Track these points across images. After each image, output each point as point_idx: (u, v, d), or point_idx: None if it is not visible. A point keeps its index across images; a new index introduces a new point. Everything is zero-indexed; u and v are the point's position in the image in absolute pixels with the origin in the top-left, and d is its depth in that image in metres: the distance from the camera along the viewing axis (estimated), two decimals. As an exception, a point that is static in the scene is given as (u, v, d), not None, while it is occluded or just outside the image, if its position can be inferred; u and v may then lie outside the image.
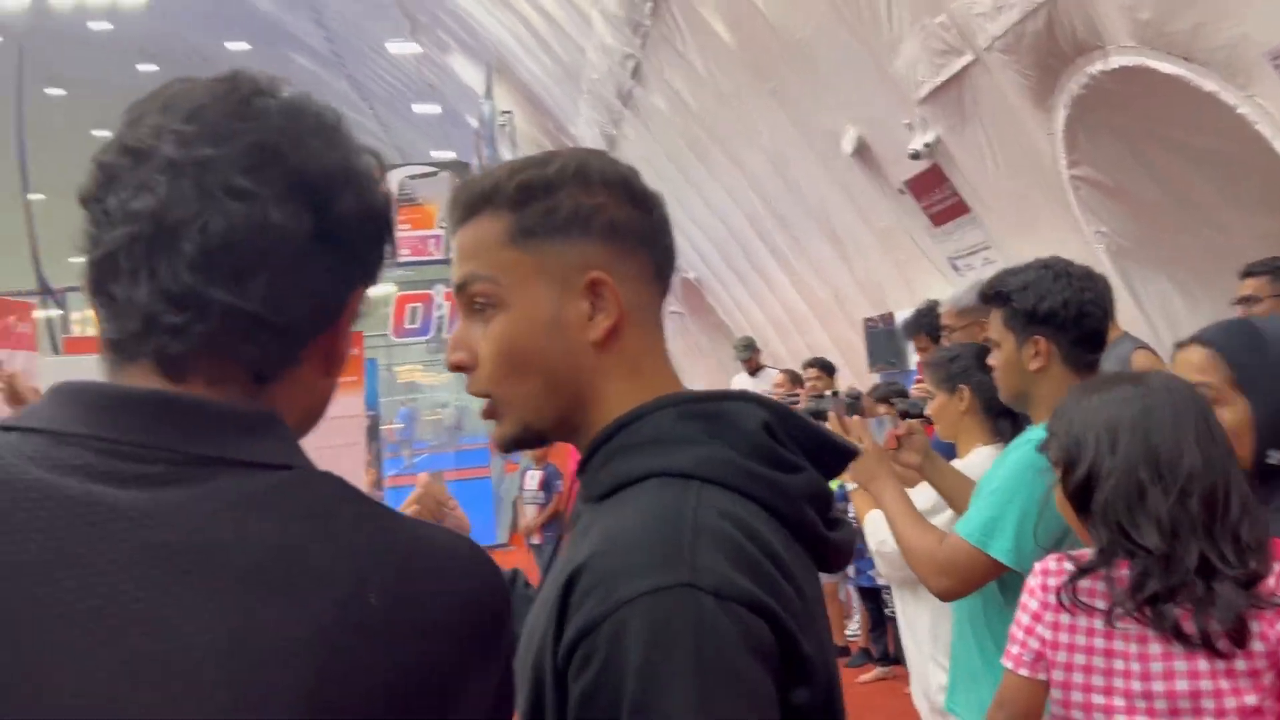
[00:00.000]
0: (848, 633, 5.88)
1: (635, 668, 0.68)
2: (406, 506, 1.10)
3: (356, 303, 0.72)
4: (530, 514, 7.25)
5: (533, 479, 7.28)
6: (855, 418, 2.09)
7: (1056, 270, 1.81)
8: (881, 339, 8.07)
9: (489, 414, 0.88)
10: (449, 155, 20.47)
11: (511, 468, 11.25)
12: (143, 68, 24.38)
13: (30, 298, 10.09)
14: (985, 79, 5.12)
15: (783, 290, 9.98)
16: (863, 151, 6.78)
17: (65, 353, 5.14)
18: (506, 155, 14.93)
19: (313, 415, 0.73)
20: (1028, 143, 5.19)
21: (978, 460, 2.18)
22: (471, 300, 0.85)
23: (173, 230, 0.63)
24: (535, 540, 7.25)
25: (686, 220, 11.43)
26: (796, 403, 6.50)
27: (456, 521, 1.12)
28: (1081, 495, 1.36)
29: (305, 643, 0.58)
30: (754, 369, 8.13)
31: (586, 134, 12.61)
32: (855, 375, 8.37)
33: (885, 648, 5.37)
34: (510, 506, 10.51)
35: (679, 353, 16.82)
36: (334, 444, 6.14)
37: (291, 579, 0.59)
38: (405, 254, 12.21)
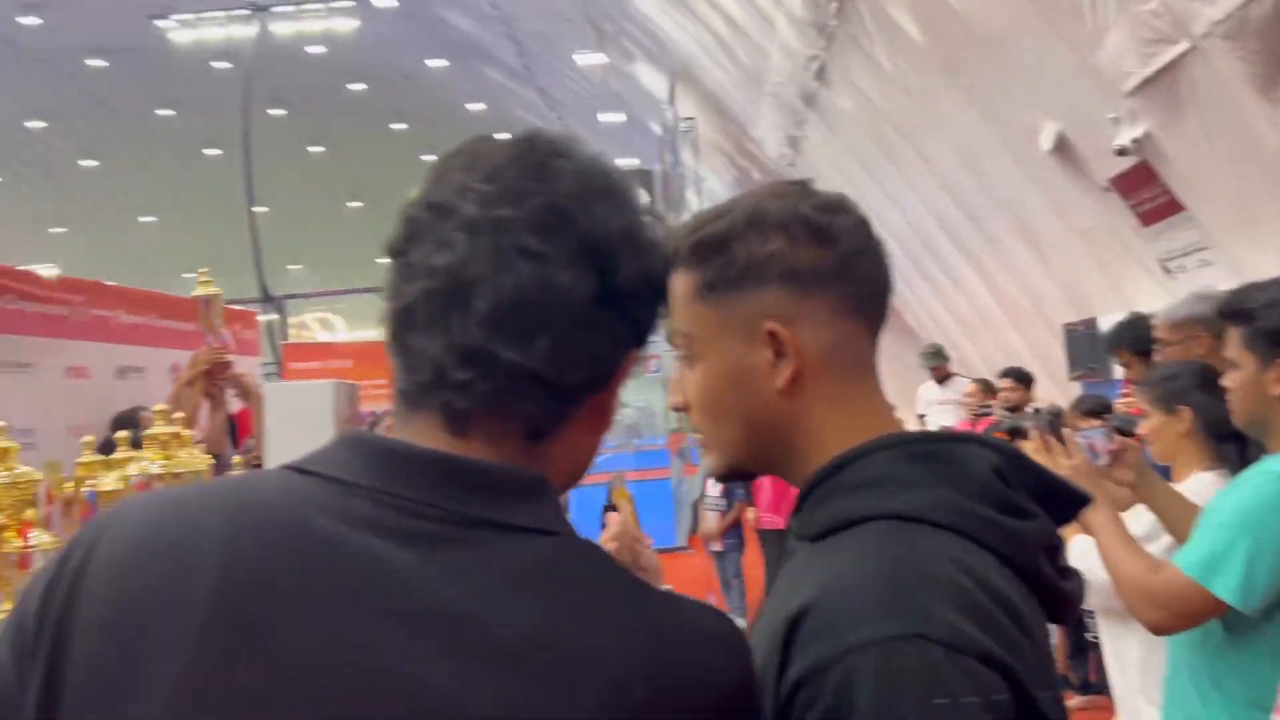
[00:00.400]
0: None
1: (863, 718, 0.67)
2: (601, 545, 1.11)
3: (629, 364, 0.73)
4: (711, 520, 7.27)
5: (715, 485, 7.29)
6: (1065, 431, 1.99)
7: None
8: (1083, 344, 7.61)
9: (704, 445, 0.91)
10: (633, 162, 20.84)
11: (691, 470, 11.32)
12: (352, 87, 26.11)
13: (253, 305, 10.99)
14: (1203, 68, 4.75)
15: (974, 291, 9.59)
16: (1062, 147, 6.44)
17: (285, 360, 5.57)
18: (689, 161, 15.05)
19: (579, 471, 0.75)
20: (1251, 135, 4.77)
21: (1197, 486, 2.02)
22: (676, 350, 0.89)
23: (468, 287, 0.66)
24: (717, 547, 7.27)
25: (872, 219, 11.14)
26: (989, 414, 6.23)
27: (649, 559, 1.12)
28: None
29: None
30: (943, 377, 7.84)
31: (769, 137, 12.55)
32: (1054, 383, 7.94)
33: (1085, 675, 5.06)
34: (690, 509, 10.57)
35: (862, 357, 16.38)
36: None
37: (557, 662, 0.61)
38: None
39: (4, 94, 26.64)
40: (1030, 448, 2.02)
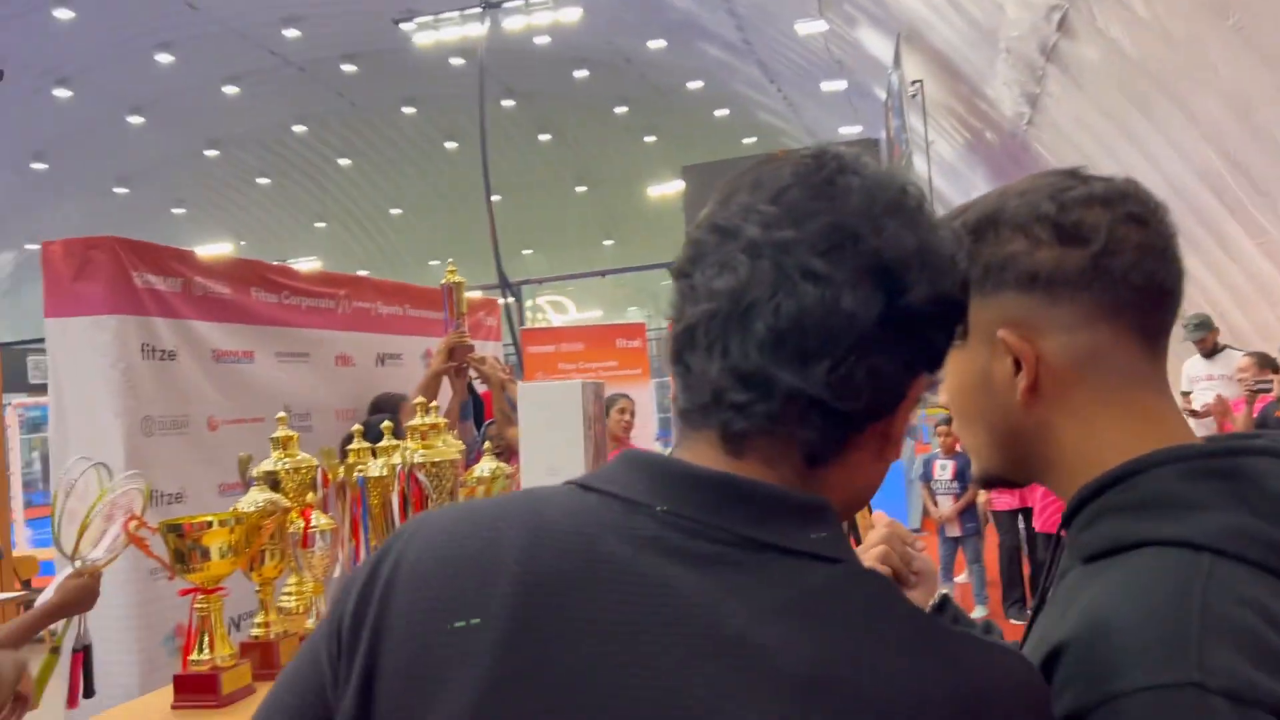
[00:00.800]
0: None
1: None
2: (869, 548, 1.07)
3: (919, 390, 0.70)
4: (945, 505, 7.02)
5: (945, 468, 7.04)
6: None
7: None
8: (1383, 310, 6.71)
9: (965, 448, 0.88)
10: (855, 130, 20.26)
11: (922, 448, 10.96)
12: (576, 74, 26.94)
13: (492, 290, 11.58)
14: None
15: (1245, 255, 8.65)
16: (1359, 87, 5.67)
17: (524, 345, 5.85)
18: (917, 126, 14.45)
19: (862, 498, 0.73)
20: None
21: None
22: None
23: (748, 309, 0.65)
24: (954, 532, 7.01)
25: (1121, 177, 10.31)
26: (1268, 390, 5.60)
27: (923, 563, 1.08)
28: None
29: None
30: (1210, 350, 7.12)
31: (1004, 95, 11.82)
32: (1345, 354, 7.05)
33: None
34: (919, 488, 10.25)
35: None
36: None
37: (850, 699, 0.58)
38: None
39: (272, 102, 29.50)
40: None
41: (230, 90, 27.46)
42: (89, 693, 2.15)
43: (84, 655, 2.16)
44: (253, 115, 30.40)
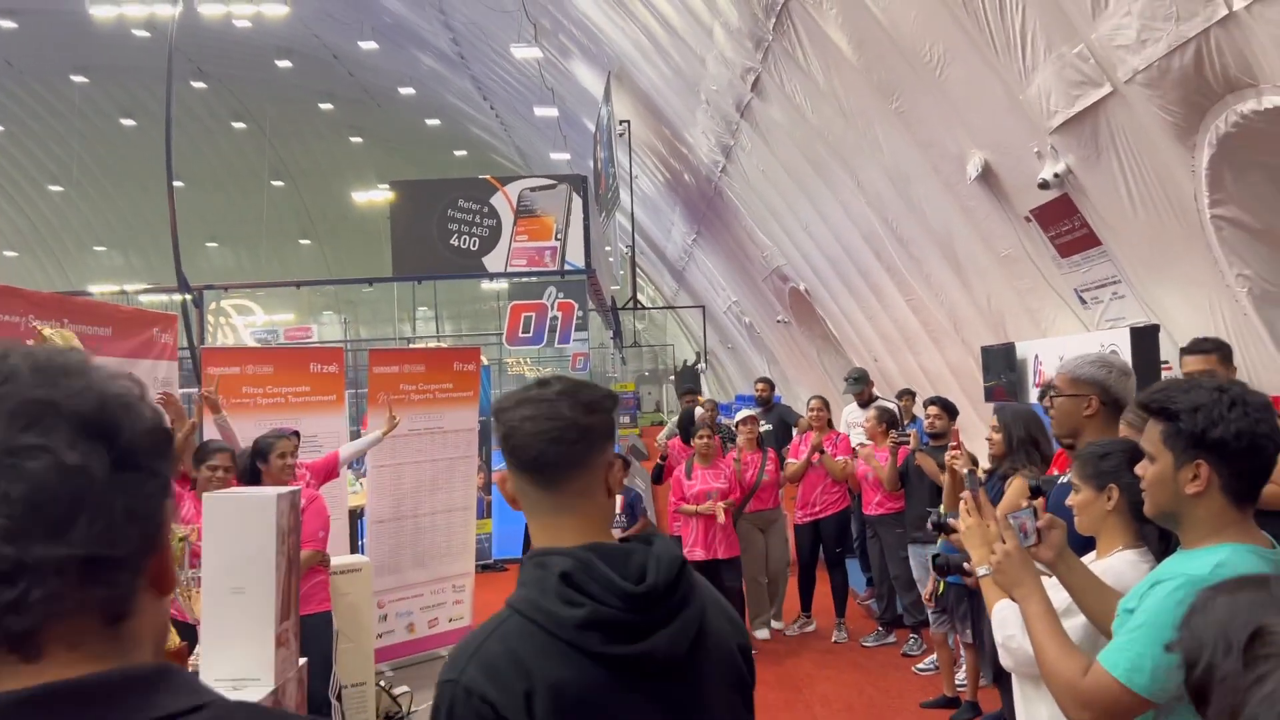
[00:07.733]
0: (957, 682, 5.71)
1: None
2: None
3: (169, 518, 0.71)
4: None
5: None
6: (999, 513, 2.00)
7: (1233, 397, 1.69)
8: (1000, 363, 7.86)
9: None
10: (564, 157, 20.69)
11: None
12: (278, 63, 25.40)
13: (171, 295, 10.51)
14: (1124, 112, 4.92)
15: (896, 308, 9.79)
16: (988, 177, 6.60)
17: (204, 365, 5.22)
18: (623, 160, 15.02)
19: (164, 637, 0.73)
20: (1166, 179, 4.97)
21: (1118, 564, 2.08)
22: None
23: None
24: None
25: (799, 230, 11.32)
26: (906, 443, 6.30)
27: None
28: (1199, 696, 1.31)
29: None
30: (865, 401, 8.03)
31: (702, 143, 12.59)
32: (969, 400, 8.17)
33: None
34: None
35: (785, 361, 16.65)
36: (449, 456, 6.31)
37: None
38: (521, 264, 12.46)
39: (-97, 50, 25.26)
40: (962, 510, 2.05)
41: None
42: None
43: None
44: (-126, 61, 25.90)
